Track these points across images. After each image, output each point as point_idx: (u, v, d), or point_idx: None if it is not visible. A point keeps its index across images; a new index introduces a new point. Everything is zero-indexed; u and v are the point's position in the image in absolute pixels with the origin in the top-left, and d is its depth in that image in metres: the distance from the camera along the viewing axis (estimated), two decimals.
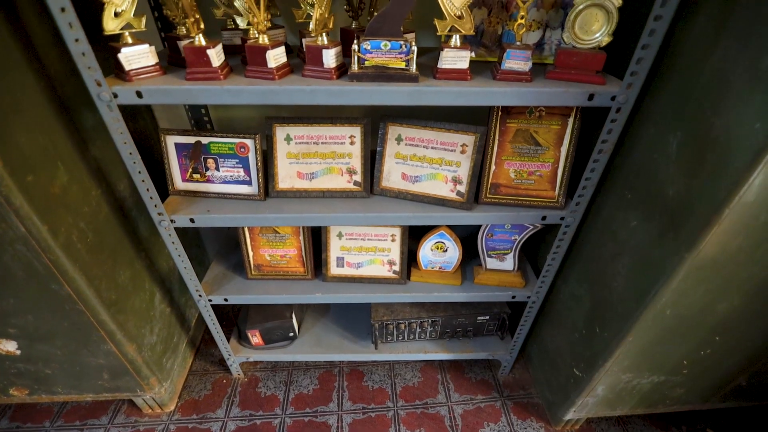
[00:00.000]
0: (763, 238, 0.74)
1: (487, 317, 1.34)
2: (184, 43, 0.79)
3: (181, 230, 1.01)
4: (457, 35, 0.77)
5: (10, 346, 1.09)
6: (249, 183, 1.01)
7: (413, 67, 0.77)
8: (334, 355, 1.42)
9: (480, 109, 0.86)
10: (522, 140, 0.94)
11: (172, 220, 0.97)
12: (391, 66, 0.77)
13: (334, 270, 1.20)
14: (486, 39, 0.92)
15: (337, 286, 1.20)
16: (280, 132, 0.99)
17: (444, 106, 0.79)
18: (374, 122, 1.00)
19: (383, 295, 1.17)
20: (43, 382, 1.21)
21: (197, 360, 1.53)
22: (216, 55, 0.77)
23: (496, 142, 0.95)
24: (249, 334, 1.36)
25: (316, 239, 1.17)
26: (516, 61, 0.78)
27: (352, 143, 0.99)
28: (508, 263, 1.18)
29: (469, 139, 0.95)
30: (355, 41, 0.75)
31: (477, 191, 0.98)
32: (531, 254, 1.33)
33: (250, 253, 1.19)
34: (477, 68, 0.86)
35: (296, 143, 1.00)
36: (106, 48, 0.77)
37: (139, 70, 0.78)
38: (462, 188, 0.98)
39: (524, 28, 0.77)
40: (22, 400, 1.26)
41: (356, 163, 1.01)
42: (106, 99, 0.76)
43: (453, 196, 0.99)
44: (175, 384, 1.39)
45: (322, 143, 1.00)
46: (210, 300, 1.18)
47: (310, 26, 0.76)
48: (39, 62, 0.83)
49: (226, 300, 1.18)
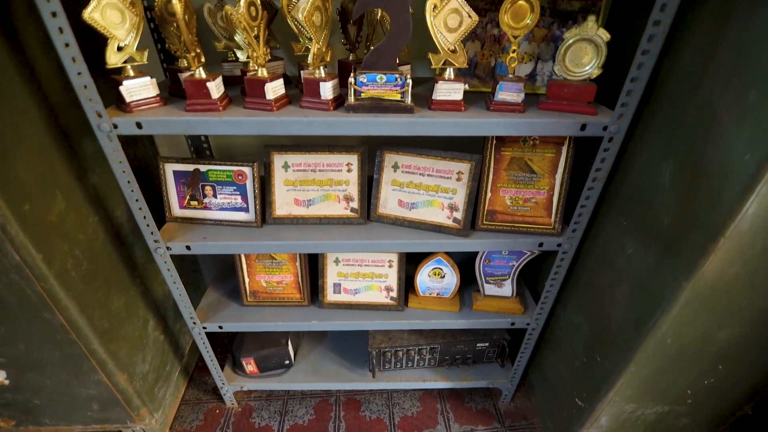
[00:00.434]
0: (761, 266, 0.74)
1: (487, 344, 1.32)
2: (184, 75, 0.81)
3: (178, 256, 1.01)
4: (451, 68, 0.80)
5: None
6: (246, 210, 1.01)
7: (408, 99, 0.79)
8: (331, 384, 1.38)
9: (475, 137, 0.88)
10: (517, 168, 0.95)
11: (168, 248, 0.97)
12: (386, 98, 0.79)
13: (330, 296, 1.19)
14: (479, 70, 0.95)
15: (333, 312, 1.19)
16: (278, 159, 1.00)
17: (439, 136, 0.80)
18: (371, 149, 1.01)
19: (381, 322, 1.16)
20: (31, 413, 1.18)
21: (190, 388, 1.49)
22: (216, 88, 0.79)
23: (492, 169, 0.96)
24: (243, 362, 1.33)
25: (312, 265, 1.17)
26: (509, 93, 0.80)
27: (349, 170, 1.00)
28: (507, 289, 1.17)
29: (464, 167, 0.96)
30: (352, 74, 0.77)
31: (473, 218, 0.99)
32: (530, 280, 1.32)
33: (246, 280, 1.18)
34: (471, 99, 0.88)
35: (294, 170, 1.01)
36: (107, 76, 0.79)
37: (140, 102, 0.80)
38: (458, 215, 0.98)
39: (516, 62, 0.80)
40: (8, 431, 1.22)
41: (353, 190, 1.01)
42: (106, 130, 0.77)
43: (449, 222, 0.99)
44: (167, 414, 1.35)
45: (320, 170, 1.01)
46: (204, 328, 1.17)
47: (308, 60, 0.78)
48: (42, 92, 0.85)
49: (220, 327, 1.17)
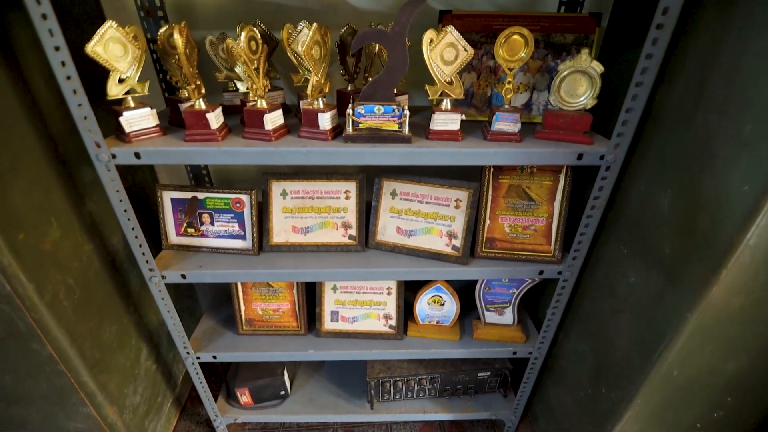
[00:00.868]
0: (765, 297, 0.73)
1: (489, 373, 1.29)
2: (184, 106, 0.82)
3: (173, 285, 0.99)
4: (448, 99, 0.81)
5: None
6: (243, 237, 1.00)
7: (406, 129, 0.79)
8: (328, 416, 1.34)
9: (473, 165, 0.88)
10: (515, 195, 0.95)
11: (163, 276, 0.96)
12: (384, 128, 0.79)
13: (328, 325, 1.16)
14: (476, 100, 0.96)
15: (331, 341, 1.16)
16: (277, 187, 1.00)
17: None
18: (369, 176, 1.01)
19: (379, 351, 1.13)
20: None
21: (182, 420, 1.44)
22: (215, 118, 0.79)
23: (490, 197, 0.96)
24: (238, 393, 1.29)
25: (310, 292, 1.15)
26: (505, 123, 0.81)
27: (347, 198, 1.00)
28: (508, 317, 1.15)
29: (462, 195, 0.96)
30: (350, 105, 0.78)
31: (473, 245, 0.98)
32: (531, 307, 1.30)
33: (242, 308, 1.15)
34: (468, 127, 0.89)
35: (292, 198, 1.00)
36: (108, 104, 0.80)
37: (139, 132, 0.80)
38: (457, 243, 0.97)
39: (512, 93, 0.81)
40: None
41: (351, 217, 1.01)
42: (104, 160, 0.77)
43: (448, 250, 0.98)
44: None
45: (318, 198, 1.00)
46: (198, 358, 1.13)
47: (307, 91, 0.79)
48: (42, 121, 0.86)
49: (214, 357, 1.13)
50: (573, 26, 0.88)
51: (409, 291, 1.14)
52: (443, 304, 1.13)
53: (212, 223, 1.00)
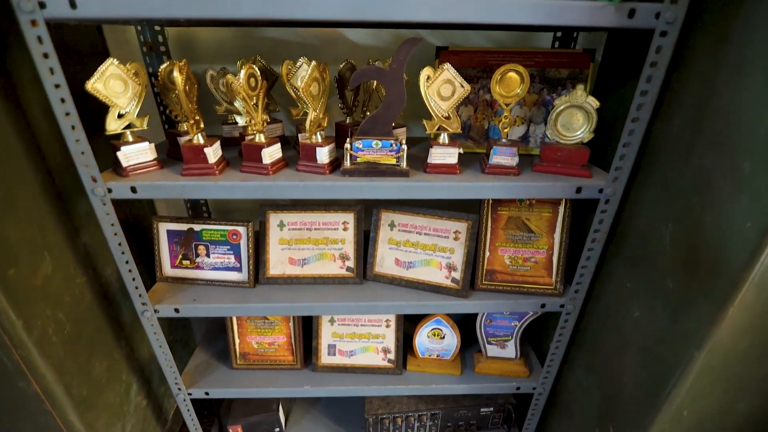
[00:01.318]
0: None
1: (491, 409, 1.24)
2: (183, 140, 0.82)
3: (167, 318, 0.97)
4: (445, 133, 0.81)
5: None
6: (239, 270, 0.99)
7: (404, 163, 0.79)
8: None
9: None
10: (514, 227, 0.94)
11: (156, 310, 0.94)
12: (382, 162, 0.79)
13: (325, 359, 1.13)
14: (473, 132, 0.97)
15: (327, 377, 1.12)
16: (274, 218, 0.99)
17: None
18: (367, 208, 1.00)
19: (377, 387, 1.09)
20: None
21: None
22: (213, 153, 0.79)
23: (489, 229, 0.95)
24: (231, 430, 1.24)
25: (306, 323, 1.12)
26: (503, 157, 0.81)
27: (345, 229, 0.99)
28: (510, 350, 1.12)
29: (461, 226, 0.95)
30: (348, 140, 0.78)
31: (472, 278, 0.96)
32: (534, 339, 1.26)
33: (237, 341, 1.12)
34: (466, 159, 0.89)
35: (289, 229, 0.99)
36: (106, 136, 0.80)
37: (137, 166, 0.80)
38: (457, 275, 0.96)
39: (509, 128, 0.81)
40: None
41: (349, 248, 0.99)
42: (100, 194, 0.77)
43: (448, 283, 0.96)
44: None
45: (315, 229, 1.00)
46: (190, 394, 1.10)
47: (306, 126, 0.80)
48: (40, 154, 0.86)
49: (207, 394, 1.10)
50: (567, 62, 0.89)
51: (409, 322, 1.11)
52: (443, 338, 1.11)
53: (208, 255, 0.99)
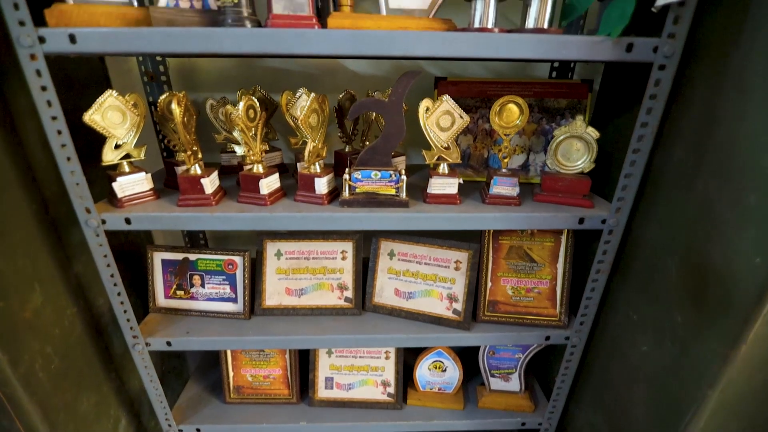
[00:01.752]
0: None
1: None
2: (180, 170, 0.82)
3: (158, 352, 0.94)
4: (445, 163, 0.80)
5: None
6: (234, 300, 0.96)
7: (403, 194, 0.78)
8: None
9: None
10: (516, 257, 0.92)
11: (147, 343, 0.91)
12: (381, 192, 0.78)
13: (322, 393, 1.09)
14: (473, 161, 0.96)
15: (325, 412, 1.08)
16: (271, 247, 0.97)
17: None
18: (366, 236, 0.99)
19: (377, 423, 1.05)
20: None
21: None
22: (210, 183, 0.78)
23: (490, 258, 0.93)
24: None
25: (303, 355, 1.08)
26: (503, 187, 0.80)
27: (343, 258, 0.97)
28: (514, 383, 1.08)
29: (462, 256, 0.93)
30: (347, 170, 0.77)
31: (474, 309, 0.94)
32: (539, 371, 1.22)
33: (231, 374, 1.08)
34: (466, 188, 0.88)
35: (287, 258, 0.97)
36: (100, 166, 0.79)
37: (132, 196, 0.79)
38: (458, 306, 0.93)
39: (508, 157, 0.81)
40: None
41: (348, 278, 0.97)
42: (93, 225, 0.76)
43: (449, 314, 0.94)
44: None
45: (313, 258, 0.98)
46: (180, 430, 1.05)
47: (304, 156, 0.79)
48: (35, 184, 0.85)
49: (198, 431, 1.05)
50: (566, 92, 0.90)
51: (409, 353, 1.08)
52: (445, 370, 1.07)
53: (203, 286, 0.96)
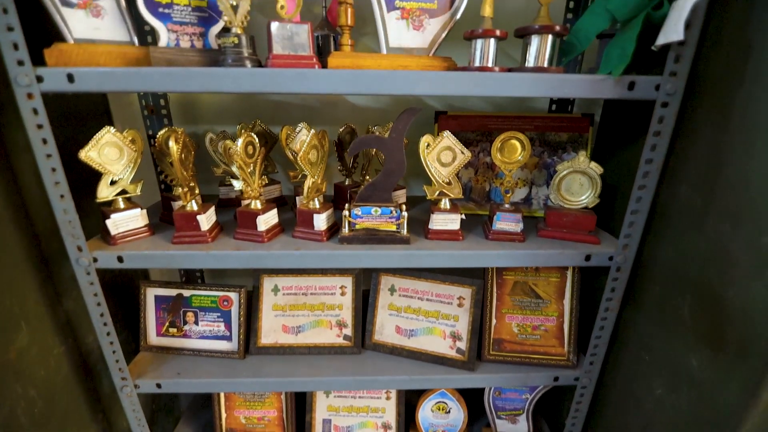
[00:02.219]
0: None
1: None
2: (176, 205, 0.80)
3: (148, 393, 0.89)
4: (447, 198, 0.79)
5: None
6: (228, 339, 0.92)
7: (404, 230, 0.76)
8: None
9: None
10: (521, 293, 0.89)
11: (136, 386, 0.86)
12: (381, 229, 0.76)
13: None
14: (474, 194, 0.95)
15: None
16: (268, 283, 0.94)
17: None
18: (366, 271, 0.96)
19: None
20: None
21: None
22: (206, 220, 0.76)
23: (495, 294, 0.90)
24: None
25: (300, 395, 1.03)
26: (507, 223, 0.78)
27: (342, 294, 0.94)
28: (522, 426, 1.03)
29: (465, 292, 0.90)
30: (346, 207, 0.76)
31: (479, 347, 0.90)
32: (548, 412, 1.16)
33: (223, 415, 1.03)
34: (468, 221, 0.86)
35: (284, 294, 0.94)
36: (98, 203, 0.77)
37: (126, 233, 0.77)
38: (462, 345, 0.89)
39: (511, 194, 0.79)
40: None
41: (347, 315, 0.94)
42: (84, 264, 0.73)
43: (453, 354, 0.90)
44: None
45: (311, 294, 0.95)
46: None
47: (303, 192, 0.77)
48: (28, 219, 0.83)
49: None
50: (567, 125, 0.89)
51: (411, 392, 1.03)
52: (449, 412, 1.02)
53: (196, 323, 0.93)
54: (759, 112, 0.60)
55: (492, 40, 0.67)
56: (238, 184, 0.91)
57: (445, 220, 0.78)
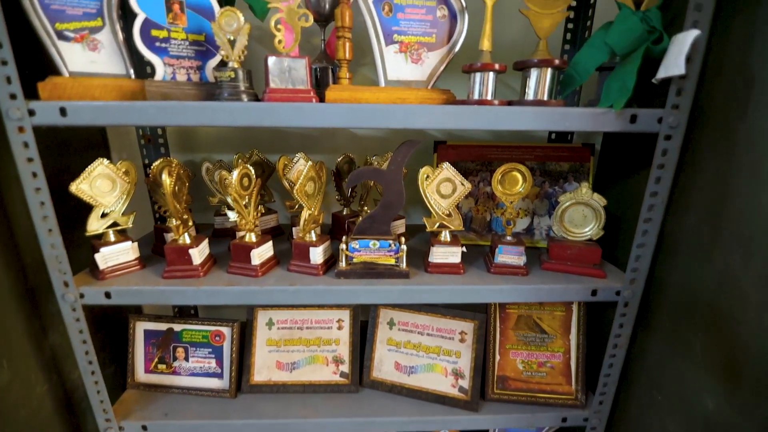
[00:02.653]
0: None
1: None
2: (168, 239, 0.78)
3: None
4: (447, 231, 0.77)
5: None
6: (220, 376, 0.88)
7: (403, 264, 0.74)
8: None
9: None
10: (526, 327, 0.86)
11: (121, 428, 0.82)
12: (380, 262, 0.74)
13: None
14: (475, 224, 0.93)
15: None
16: (262, 316, 0.91)
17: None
18: (364, 304, 0.93)
19: None
20: None
21: None
22: (198, 254, 0.74)
23: (498, 329, 0.86)
24: None
25: None
26: (509, 256, 0.76)
27: (339, 328, 0.91)
28: None
29: (467, 327, 0.87)
30: (344, 239, 0.73)
31: (482, 385, 0.86)
32: None
33: None
34: (469, 252, 0.84)
35: (278, 328, 0.91)
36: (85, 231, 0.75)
37: (115, 267, 0.74)
38: (464, 383, 0.85)
39: (513, 225, 0.77)
40: None
41: (344, 350, 0.90)
42: (70, 300, 0.70)
43: (455, 392, 0.85)
44: None
45: (307, 328, 0.91)
46: None
47: (300, 224, 0.75)
48: (16, 252, 0.80)
49: None
50: (568, 155, 0.88)
51: None
52: None
53: (186, 359, 0.89)
54: (765, 143, 0.58)
55: (491, 73, 0.66)
56: (233, 215, 0.90)
57: (446, 253, 0.75)
